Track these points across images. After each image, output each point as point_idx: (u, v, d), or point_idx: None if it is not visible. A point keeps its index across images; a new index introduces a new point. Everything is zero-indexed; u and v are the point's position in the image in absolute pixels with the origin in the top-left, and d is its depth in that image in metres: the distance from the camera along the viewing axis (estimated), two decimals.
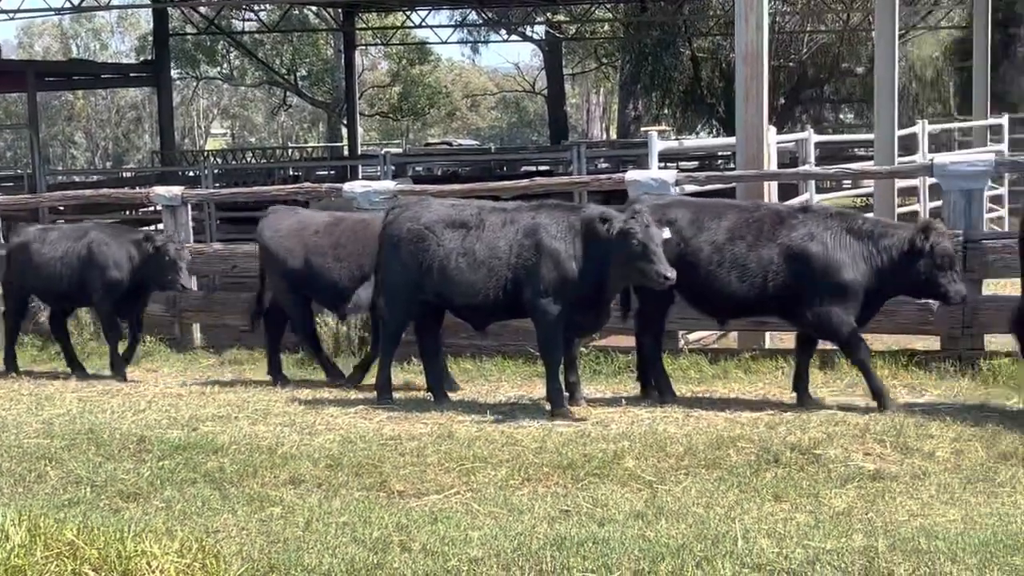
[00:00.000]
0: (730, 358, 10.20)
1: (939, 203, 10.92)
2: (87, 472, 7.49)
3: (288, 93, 51.74)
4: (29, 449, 8.07)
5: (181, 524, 6.20)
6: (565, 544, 5.76)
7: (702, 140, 30.89)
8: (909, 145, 17.69)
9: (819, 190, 15.47)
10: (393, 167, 20.66)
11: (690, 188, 11.42)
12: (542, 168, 27.79)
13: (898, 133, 15.46)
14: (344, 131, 44.66)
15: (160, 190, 13.06)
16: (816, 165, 14.53)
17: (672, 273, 8.35)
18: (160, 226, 13.62)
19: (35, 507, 6.35)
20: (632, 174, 11.01)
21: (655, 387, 9.21)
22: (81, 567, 5.05)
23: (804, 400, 8.78)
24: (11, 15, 31.16)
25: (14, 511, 5.61)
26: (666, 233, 8.58)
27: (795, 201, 14.23)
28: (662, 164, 15.32)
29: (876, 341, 10.31)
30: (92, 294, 10.91)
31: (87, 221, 12.80)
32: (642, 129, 36.96)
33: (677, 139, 25.45)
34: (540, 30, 41.24)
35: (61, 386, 10.65)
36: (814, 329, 8.76)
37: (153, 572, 5.06)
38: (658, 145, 11.93)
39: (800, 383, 8.91)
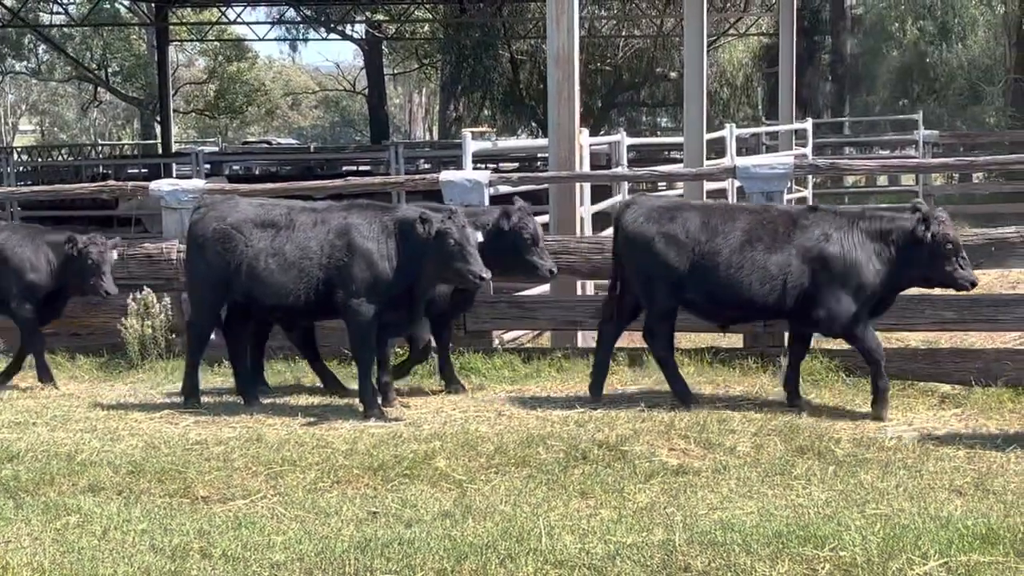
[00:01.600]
0: (543, 357, 10.29)
1: None
2: None
3: (99, 89, 50.19)
4: None
5: None
6: (370, 546, 5.72)
7: (517, 141, 31.14)
8: (720, 149, 18.20)
9: (633, 192, 15.76)
10: (208, 165, 20.29)
11: (504, 189, 11.50)
12: (363, 168, 27.65)
13: (708, 137, 15.88)
14: (158, 128, 43.58)
15: None
16: (629, 167, 14.80)
17: (487, 273, 8.41)
18: None
19: None
20: (446, 175, 11.02)
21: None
22: None
23: (794, 400, 8.76)
24: None
25: None
26: (479, 236, 8.63)
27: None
28: (479, 165, 15.41)
29: (683, 339, 10.57)
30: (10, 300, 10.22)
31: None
32: (464, 130, 37.17)
33: (492, 140, 25.62)
34: (360, 29, 41.00)
35: None
36: (827, 329, 8.72)
37: None
38: (472, 146, 11.98)
39: (791, 384, 8.85)
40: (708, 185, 15.31)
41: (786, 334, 9.30)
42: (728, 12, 33.55)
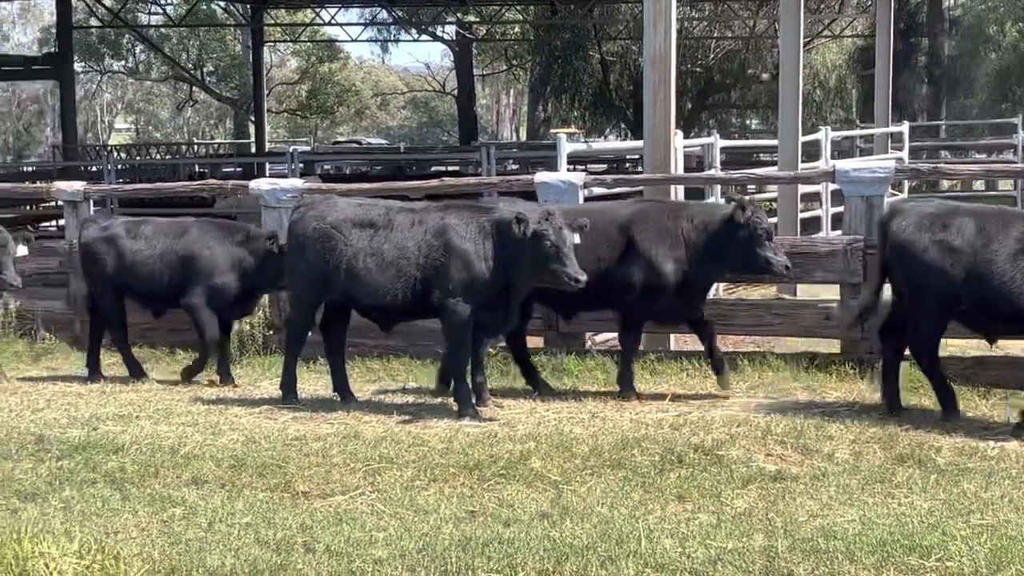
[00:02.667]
0: (636, 359, 10.27)
1: (841, 209, 11.12)
2: None
3: (195, 89, 51.04)
4: None
5: (80, 525, 6.10)
6: (470, 545, 5.77)
7: (610, 143, 31.08)
8: (813, 151, 18.02)
9: (724, 195, 15.68)
10: (301, 165, 20.51)
11: (598, 191, 11.50)
12: (451, 168, 27.78)
13: (801, 139, 15.74)
14: (251, 128, 44.20)
15: (62, 185, 12.81)
16: (721, 170, 14.73)
17: (583, 275, 8.42)
18: (62, 222, 13.37)
19: None
20: (541, 176, 11.05)
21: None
22: None
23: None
24: None
25: None
26: (576, 238, 8.65)
27: None
28: (571, 166, 15.41)
29: (778, 344, 10.51)
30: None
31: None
32: (552, 131, 37.15)
33: (586, 142, 25.61)
34: (451, 30, 41.22)
35: None
36: None
37: (51, 573, 4.97)
38: (567, 147, 12.00)
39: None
40: (801, 188, 15.19)
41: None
42: (822, 13, 33.18)
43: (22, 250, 10.33)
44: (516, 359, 9.80)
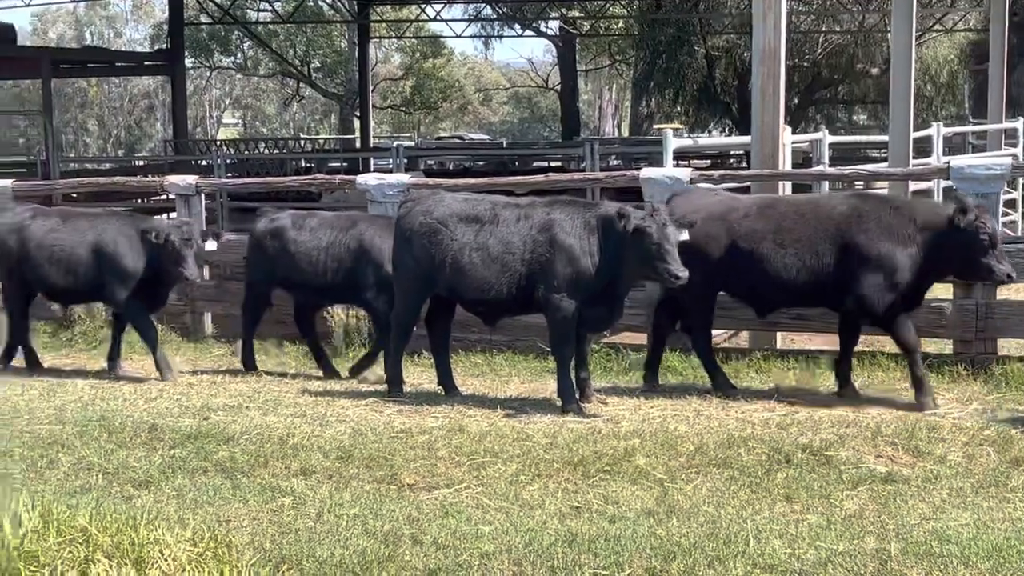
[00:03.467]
0: (741, 358, 10.20)
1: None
2: (99, 459, 7.51)
3: (301, 84, 51.74)
4: (41, 435, 8.09)
5: (193, 513, 6.22)
6: (577, 541, 5.77)
7: (717, 138, 30.79)
8: (922, 148, 17.64)
9: (832, 191, 15.43)
10: (405, 160, 20.65)
11: (704, 186, 11.38)
12: (554, 164, 27.76)
13: (912, 135, 15.41)
14: (356, 123, 44.66)
15: (174, 179, 13.07)
16: (829, 166, 14.50)
17: (684, 273, 8.36)
18: (173, 214, 13.63)
19: (47, 493, 6.36)
20: (647, 172, 10.99)
21: None
22: (94, 554, 5.06)
23: None
24: (26, 1, 31.26)
25: (27, 496, 5.62)
26: (684, 235, 8.58)
27: None
28: (675, 162, 15.30)
29: (889, 343, 10.32)
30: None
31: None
32: (655, 127, 36.94)
33: (692, 137, 25.41)
34: (554, 26, 41.20)
35: (74, 373, 10.69)
36: None
37: (165, 560, 5.07)
38: (673, 143, 11.91)
39: None
40: (912, 185, 14.87)
41: None
42: (934, 7, 32.51)
43: (211, 246, 10.38)
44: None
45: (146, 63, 35.21)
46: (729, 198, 9.58)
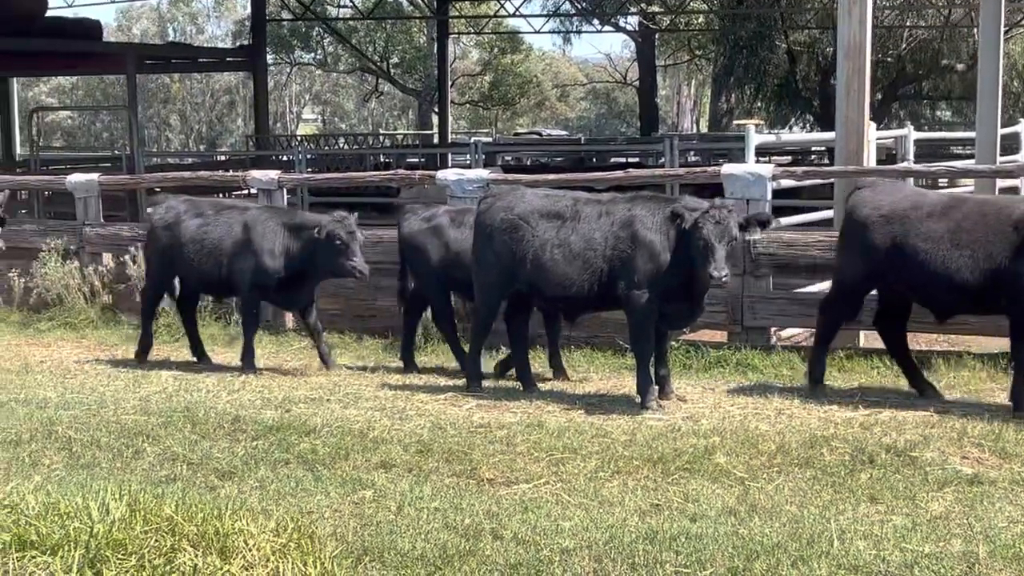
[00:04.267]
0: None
1: None
2: (183, 449, 7.62)
3: (380, 80, 52.05)
4: (127, 425, 8.22)
5: (276, 504, 6.28)
6: (657, 538, 5.73)
7: (800, 134, 30.44)
8: (1008, 145, 17.30)
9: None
10: (483, 156, 20.68)
11: (787, 183, 11.29)
12: (632, 160, 27.66)
13: (1001, 132, 15.13)
14: (434, 119, 44.84)
15: (257, 174, 13.22)
16: (914, 163, 14.28)
17: (720, 273, 8.27)
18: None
19: (134, 482, 6.46)
20: (728, 168, 10.90)
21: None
22: (180, 543, 5.12)
23: None
24: None
25: (115, 486, 5.71)
26: (758, 233, 8.51)
27: None
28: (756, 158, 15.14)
29: (974, 343, 10.14)
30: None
31: None
32: (734, 123, 36.62)
33: (773, 133, 25.16)
34: (633, 21, 41.01)
35: (158, 364, 10.86)
36: None
37: (250, 550, 5.12)
38: (755, 139, 11.81)
39: None
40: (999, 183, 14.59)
41: None
42: (1021, 2, 31.85)
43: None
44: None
45: (228, 59, 35.64)
46: (916, 193, 9.18)
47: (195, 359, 10.94)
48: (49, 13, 27.19)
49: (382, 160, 28.42)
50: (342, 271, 10.06)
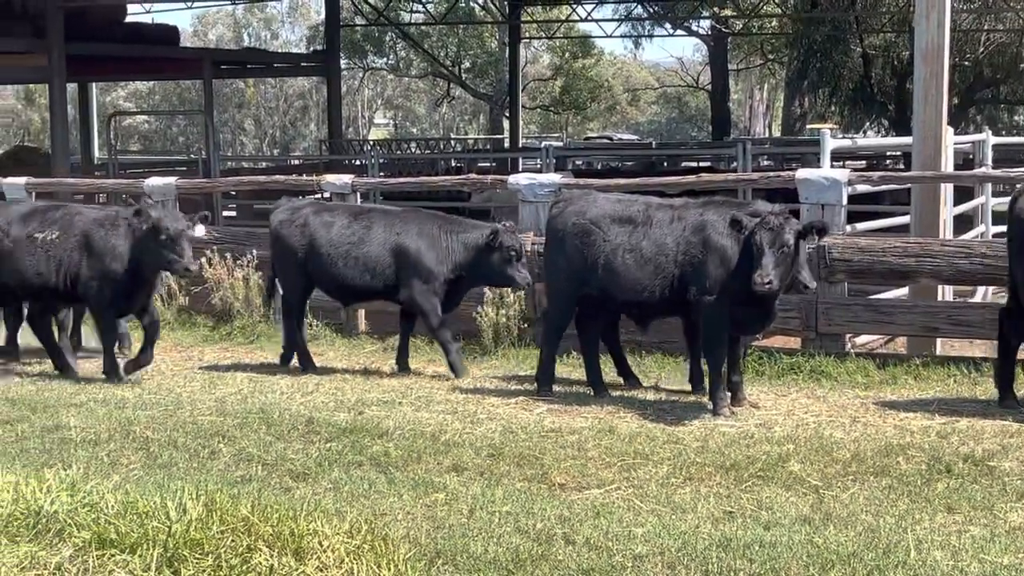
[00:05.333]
0: (899, 364, 9.95)
1: None
2: (258, 451, 7.70)
3: (452, 85, 52.25)
4: (203, 426, 8.32)
5: (349, 505, 6.32)
6: (731, 545, 5.70)
7: (876, 139, 30.08)
8: None
9: (994, 194, 14.99)
10: (553, 160, 20.67)
11: (862, 188, 11.17)
12: (703, 164, 27.51)
13: None
14: (505, 123, 44.92)
15: (331, 178, 13.35)
16: (992, 168, 14.07)
17: (763, 279, 8.19)
18: None
19: (210, 483, 6.53)
20: (803, 173, 10.81)
21: None
22: (256, 543, 5.16)
23: None
24: (189, 4, 32.20)
25: (191, 486, 5.77)
26: (815, 241, 8.43)
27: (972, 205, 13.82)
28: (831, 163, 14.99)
29: None
30: None
31: None
32: (807, 127, 36.27)
33: (849, 137, 24.90)
34: (706, 24, 40.78)
35: (233, 366, 10.99)
36: None
37: (324, 551, 5.16)
38: (831, 143, 11.69)
39: None
40: None
41: None
42: None
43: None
44: None
45: (302, 64, 35.98)
46: None
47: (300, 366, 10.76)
48: (128, 19, 27.64)
49: (453, 164, 28.53)
50: (505, 280, 10.13)
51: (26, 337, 11.22)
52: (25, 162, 27.69)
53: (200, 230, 10.08)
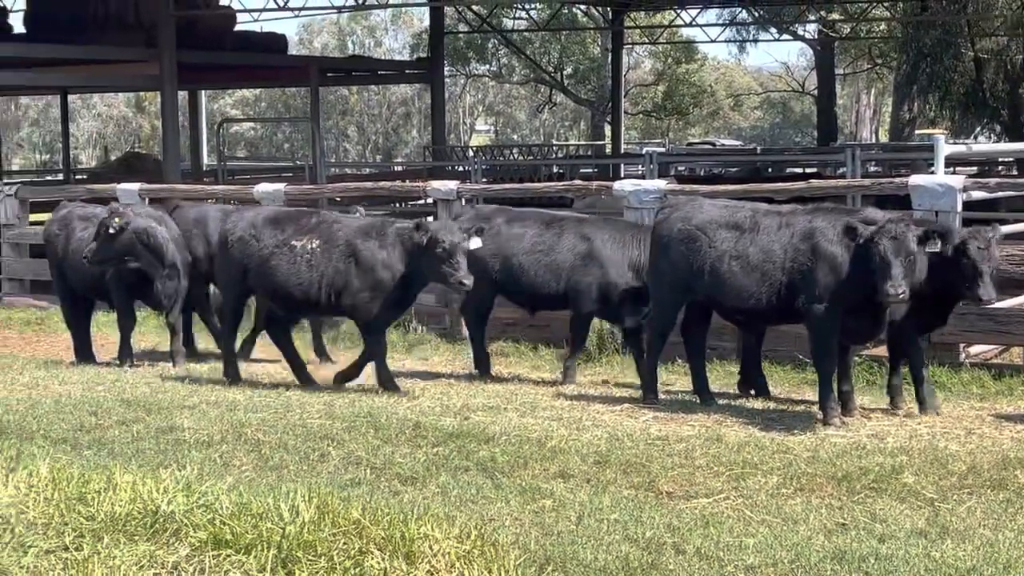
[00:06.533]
0: (1015, 375, 9.72)
1: None
2: (366, 454, 7.75)
3: (553, 91, 52.30)
4: (312, 429, 8.41)
5: (458, 510, 6.33)
6: (845, 558, 5.60)
7: (989, 145, 29.40)
8: None
9: None
10: (656, 166, 20.56)
11: (977, 195, 10.92)
12: (808, 170, 27.14)
13: None
14: (607, 129, 44.82)
15: (436, 184, 13.45)
16: None
17: (897, 290, 8.02)
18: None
19: (320, 485, 6.60)
20: (916, 179, 10.60)
21: None
22: (367, 546, 5.21)
23: None
24: (296, 13, 32.65)
25: (304, 488, 5.84)
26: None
27: None
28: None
29: None
30: None
31: None
32: (917, 132, 35.59)
33: (962, 143, 24.40)
34: (812, 28, 40.28)
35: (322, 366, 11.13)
36: None
37: (435, 556, 5.18)
38: (945, 148, 11.45)
39: None
40: None
41: None
42: None
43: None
44: None
45: (407, 71, 36.27)
46: None
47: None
48: (237, 28, 28.15)
49: (555, 171, 28.52)
50: None
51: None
52: (136, 168, 28.37)
53: (476, 242, 9.67)
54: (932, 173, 11.44)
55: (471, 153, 35.33)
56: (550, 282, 10.34)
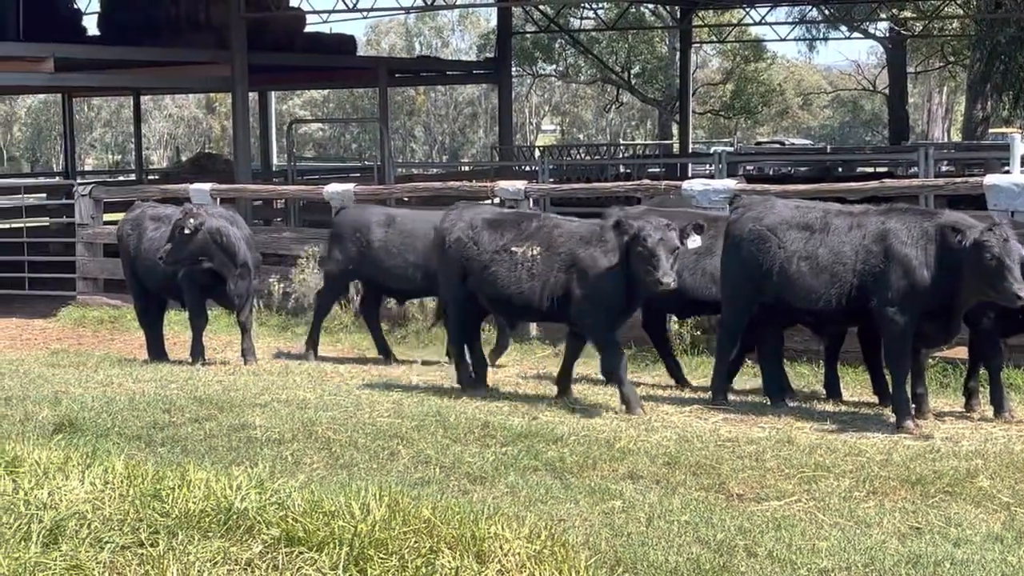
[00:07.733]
0: None
1: None
2: (436, 453, 7.78)
3: (620, 90, 52.13)
4: (382, 427, 8.46)
5: (527, 510, 6.33)
6: (920, 563, 5.53)
7: None
8: None
9: None
10: (725, 165, 20.42)
11: None
12: (879, 169, 26.83)
13: None
14: (674, 129, 44.57)
15: (504, 184, 13.46)
16: None
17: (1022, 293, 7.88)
18: None
19: (390, 484, 6.63)
20: (991, 179, 10.45)
21: None
22: (438, 544, 5.23)
23: None
24: (364, 14, 32.82)
25: (374, 486, 5.87)
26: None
27: None
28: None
29: None
30: None
31: None
32: (990, 131, 35.03)
33: None
34: (883, 26, 39.77)
35: (407, 368, 11.17)
36: None
37: (505, 555, 5.19)
38: (1021, 148, 11.28)
39: None
40: None
41: None
42: None
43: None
44: None
45: (474, 72, 36.32)
46: None
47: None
48: (306, 29, 28.34)
49: (622, 170, 28.43)
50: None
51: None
52: (207, 168, 28.69)
53: (695, 241, 9.16)
54: (1007, 172, 11.26)
55: (538, 153, 35.28)
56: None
